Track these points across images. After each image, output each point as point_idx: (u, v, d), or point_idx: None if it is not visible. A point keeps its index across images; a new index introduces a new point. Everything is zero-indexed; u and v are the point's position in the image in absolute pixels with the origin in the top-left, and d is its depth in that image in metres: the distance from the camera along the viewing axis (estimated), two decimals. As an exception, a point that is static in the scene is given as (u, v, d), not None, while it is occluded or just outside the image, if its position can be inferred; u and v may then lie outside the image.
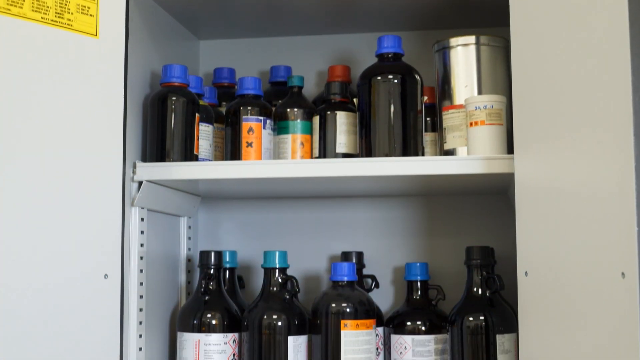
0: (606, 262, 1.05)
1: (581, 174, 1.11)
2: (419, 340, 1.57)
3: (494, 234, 1.73)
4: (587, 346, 1.11)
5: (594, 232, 1.08)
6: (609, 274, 1.04)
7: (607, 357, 1.05)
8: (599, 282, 1.07)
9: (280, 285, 1.58)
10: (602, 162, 1.05)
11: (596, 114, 1.06)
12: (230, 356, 1.56)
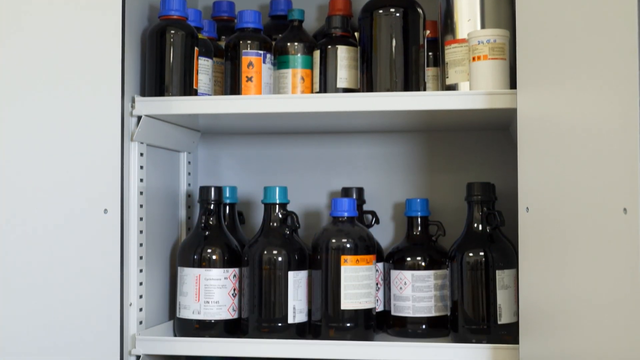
0: (608, 198, 1.05)
1: (584, 109, 1.10)
2: (418, 276, 1.57)
3: (495, 170, 1.72)
4: (587, 281, 1.11)
5: (596, 168, 1.07)
6: (610, 210, 1.04)
7: (608, 292, 1.05)
8: (600, 218, 1.07)
9: (280, 220, 1.57)
10: (606, 98, 1.04)
11: (601, 49, 1.05)
12: (231, 291, 1.56)
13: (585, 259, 1.11)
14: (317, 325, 1.53)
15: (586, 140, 1.09)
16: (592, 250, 1.10)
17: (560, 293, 1.19)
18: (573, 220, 1.14)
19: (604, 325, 1.08)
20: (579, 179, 1.12)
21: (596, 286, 1.09)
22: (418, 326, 1.56)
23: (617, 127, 1.01)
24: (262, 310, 1.53)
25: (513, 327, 1.47)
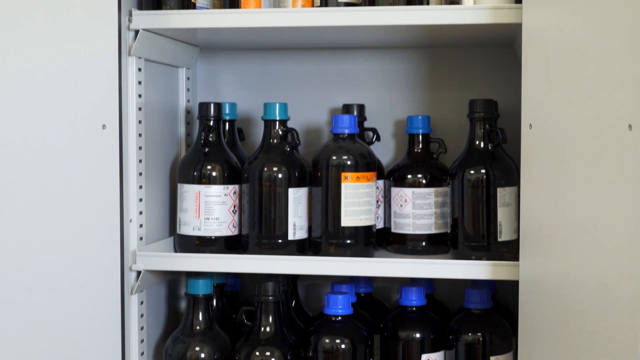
0: (613, 115, 1.03)
1: (591, 23, 1.08)
2: (419, 193, 1.57)
3: (498, 87, 1.70)
4: (589, 199, 1.10)
5: (602, 84, 1.06)
6: (615, 126, 1.02)
7: (610, 210, 1.05)
8: (605, 135, 1.05)
9: (280, 137, 1.56)
10: (614, 10, 1.01)
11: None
12: (231, 208, 1.56)
13: (588, 176, 1.10)
14: (317, 242, 1.53)
15: (592, 55, 1.07)
16: (595, 167, 1.09)
17: (561, 210, 1.19)
18: (577, 137, 1.13)
19: (604, 243, 1.08)
20: (584, 95, 1.11)
21: (598, 203, 1.09)
22: (418, 243, 1.56)
23: (624, 42, 0.98)
24: (262, 227, 1.53)
25: (513, 245, 1.47)
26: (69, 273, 1.32)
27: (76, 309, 1.34)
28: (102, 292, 1.40)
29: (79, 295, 1.35)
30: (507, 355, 1.51)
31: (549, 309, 1.23)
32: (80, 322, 1.35)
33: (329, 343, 1.49)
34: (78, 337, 1.35)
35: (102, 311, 1.40)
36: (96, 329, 1.39)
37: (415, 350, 1.53)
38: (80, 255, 1.35)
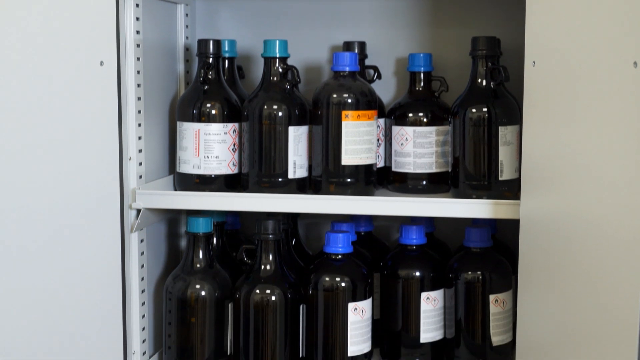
0: (618, 51, 1.02)
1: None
2: (420, 132, 1.55)
3: (501, 25, 1.67)
4: (592, 136, 1.09)
5: (608, 20, 1.04)
6: (620, 63, 1.01)
7: (613, 147, 1.04)
8: (609, 72, 1.04)
9: (280, 75, 1.54)
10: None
11: None
12: (231, 146, 1.55)
13: (592, 114, 1.09)
14: (318, 180, 1.52)
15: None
16: (599, 104, 1.08)
17: (564, 148, 1.18)
18: (581, 74, 1.12)
19: (607, 181, 1.07)
20: (589, 31, 1.09)
21: (601, 141, 1.08)
22: (418, 182, 1.56)
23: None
24: (262, 166, 1.52)
25: (514, 184, 1.47)
26: (68, 211, 1.32)
27: (76, 247, 1.34)
28: (102, 230, 1.40)
29: (78, 234, 1.34)
30: (506, 294, 1.52)
31: (550, 248, 1.23)
32: (80, 260, 1.35)
33: (329, 281, 1.50)
34: (78, 275, 1.35)
35: (102, 249, 1.40)
36: (96, 267, 1.39)
37: (414, 289, 1.54)
38: (79, 194, 1.34)
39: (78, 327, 1.35)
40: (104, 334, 1.41)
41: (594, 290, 1.10)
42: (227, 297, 1.55)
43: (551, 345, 1.22)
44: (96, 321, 1.39)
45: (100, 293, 1.40)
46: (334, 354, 1.50)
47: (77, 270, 1.34)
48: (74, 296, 1.34)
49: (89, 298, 1.37)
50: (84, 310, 1.36)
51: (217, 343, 1.55)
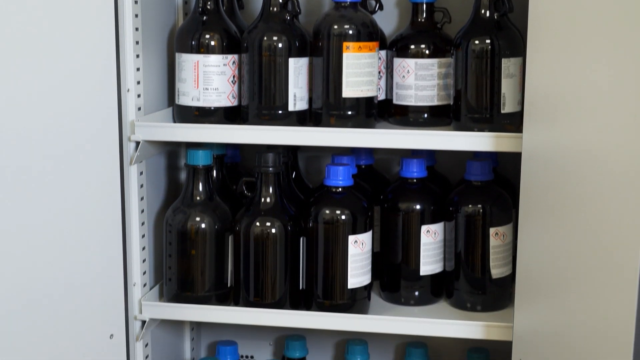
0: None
1: None
2: (422, 64, 1.53)
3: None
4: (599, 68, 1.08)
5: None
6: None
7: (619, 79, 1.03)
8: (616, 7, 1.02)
9: (280, 5, 1.52)
10: None
11: None
12: (230, 78, 1.53)
13: (598, 46, 1.08)
14: (318, 113, 1.51)
15: None
16: (605, 35, 1.06)
17: (568, 80, 1.16)
18: (586, 5, 1.10)
19: (611, 114, 1.06)
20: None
21: (607, 73, 1.07)
22: (420, 115, 1.54)
23: None
24: (262, 98, 1.51)
25: (516, 117, 1.45)
26: (66, 144, 1.31)
27: (76, 180, 1.33)
28: (101, 163, 1.40)
29: (78, 167, 1.34)
30: (506, 227, 1.52)
31: (551, 181, 1.22)
32: (80, 193, 1.35)
33: (329, 214, 1.50)
34: (78, 207, 1.35)
35: (101, 182, 1.40)
36: (96, 200, 1.39)
37: (415, 222, 1.54)
38: (77, 126, 1.33)
39: (79, 259, 1.35)
40: (105, 266, 1.42)
41: (594, 223, 1.10)
42: (227, 229, 1.55)
43: (551, 278, 1.23)
44: (96, 253, 1.39)
45: (100, 225, 1.40)
46: (334, 286, 1.50)
47: (77, 203, 1.34)
48: (74, 229, 1.34)
49: (89, 230, 1.37)
50: (84, 242, 1.36)
51: (218, 275, 1.55)
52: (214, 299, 1.55)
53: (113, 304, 1.44)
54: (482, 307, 1.52)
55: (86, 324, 1.37)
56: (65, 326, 1.33)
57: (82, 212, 1.36)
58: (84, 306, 1.37)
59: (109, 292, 1.43)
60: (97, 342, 1.41)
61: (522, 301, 1.34)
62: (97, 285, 1.40)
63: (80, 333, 1.36)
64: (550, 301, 1.23)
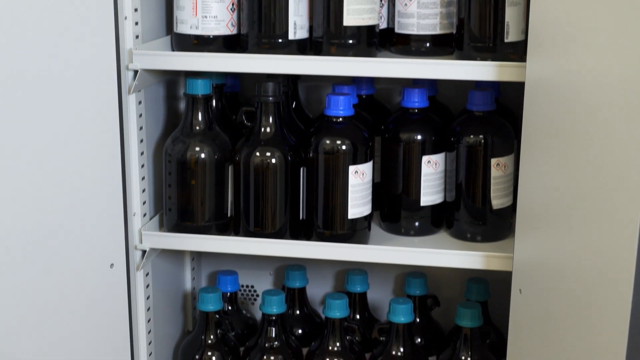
0: None
1: None
2: (424, -8, 1.51)
3: None
4: None
5: None
6: None
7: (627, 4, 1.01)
8: None
9: None
10: None
11: None
12: (229, 5, 1.51)
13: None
14: (319, 42, 1.49)
15: None
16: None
17: (574, 8, 1.14)
18: None
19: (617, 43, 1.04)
20: None
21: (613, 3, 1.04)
22: (422, 44, 1.52)
23: None
24: (261, 26, 1.48)
25: (519, 46, 1.43)
26: (62, 72, 1.29)
27: (73, 108, 1.32)
28: (99, 92, 1.38)
29: (75, 94, 1.32)
30: (508, 158, 1.51)
31: (555, 111, 1.21)
32: (78, 122, 1.34)
33: (330, 144, 1.49)
34: (77, 137, 1.34)
35: (99, 111, 1.39)
36: (95, 130, 1.38)
37: (415, 152, 1.53)
38: (74, 54, 1.31)
39: (78, 189, 1.35)
40: (104, 196, 1.42)
41: (598, 153, 1.09)
42: (227, 159, 1.54)
43: (552, 209, 1.22)
44: (96, 183, 1.39)
45: (99, 155, 1.39)
46: (334, 216, 1.50)
47: (75, 132, 1.33)
48: (73, 159, 1.33)
49: (88, 160, 1.36)
50: (83, 172, 1.36)
51: (218, 205, 1.55)
52: (214, 229, 1.55)
53: (113, 234, 1.44)
54: (482, 238, 1.52)
55: (86, 254, 1.38)
56: (65, 256, 1.33)
57: (81, 142, 1.35)
58: (84, 236, 1.37)
59: (108, 221, 1.43)
60: (98, 271, 1.41)
61: (522, 232, 1.34)
62: (97, 215, 1.40)
63: (80, 262, 1.36)
64: (551, 232, 1.23)
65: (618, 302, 1.00)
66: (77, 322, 1.37)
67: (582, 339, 1.11)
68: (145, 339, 1.59)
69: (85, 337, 1.39)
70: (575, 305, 1.13)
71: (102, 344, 1.43)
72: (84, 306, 1.38)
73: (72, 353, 1.36)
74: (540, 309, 1.26)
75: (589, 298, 1.09)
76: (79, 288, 1.37)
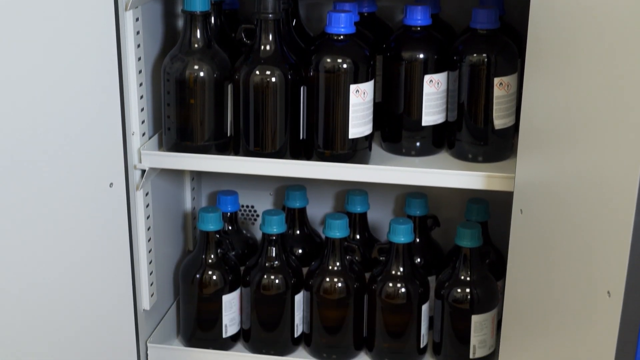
0: None
1: None
2: None
3: None
4: None
5: None
6: None
7: None
8: None
9: None
10: None
11: None
12: None
13: None
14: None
15: None
16: None
17: None
18: None
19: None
20: None
21: None
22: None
23: None
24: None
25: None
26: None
27: (69, 25, 1.30)
28: (95, 8, 1.36)
29: (72, 9, 1.30)
30: (511, 77, 1.49)
31: (561, 28, 1.19)
32: (73, 39, 1.31)
33: (330, 62, 1.46)
34: (72, 53, 1.31)
35: (96, 28, 1.36)
36: (91, 48, 1.36)
37: (417, 71, 1.50)
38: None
39: (75, 107, 1.33)
40: (103, 114, 1.40)
41: (604, 71, 1.07)
42: (227, 78, 1.52)
43: (555, 129, 1.21)
44: (94, 102, 1.37)
45: (96, 72, 1.37)
46: (334, 136, 1.49)
47: (71, 49, 1.31)
48: (70, 75, 1.31)
49: (84, 77, 1.34)
50: (80, 89, 1.34)
51: (217, 124, 1.53)
52: (213, 148, 1.54)
53: (111, 153, 1.43)
54: (483, 158, 1.51)
55: (85, 172, 1.37)
56: (63, 174, 1.32)
57: (78, 60, 1.32)
58: (82, 154, 1.36)
59: (107, 140, 1.42)
60: (97, 190, 1.40)
61: (524, 152, 1.33)
62: (95, 133, 1.38)
63: (78, 182, 1.35)
64: (553, 152, 1.22)
65: (619, 222, 1.00)
66: (77, 241, 1.37)
67: (582, 258, 1.11)
68: (146, 258, 1.59)
69: (85, 256, 1.39)
70: (576, 226, 1.13)
71: (103, 264, 1.43)
72: (84, 226, 1.38)
73: (72, 273, 1.36)
74: (540, 229, 1.26)
75: (590, 218, 1.09)
76: (78, 207, 1.36)
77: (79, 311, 1.38)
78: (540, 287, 1.26)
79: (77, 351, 1.39)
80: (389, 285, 1.57)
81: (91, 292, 1.40)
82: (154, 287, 1.64)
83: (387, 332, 1.59)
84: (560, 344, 1.19)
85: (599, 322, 1.05)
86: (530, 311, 1.30)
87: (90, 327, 1.42)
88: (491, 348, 1.60)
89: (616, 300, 1.00)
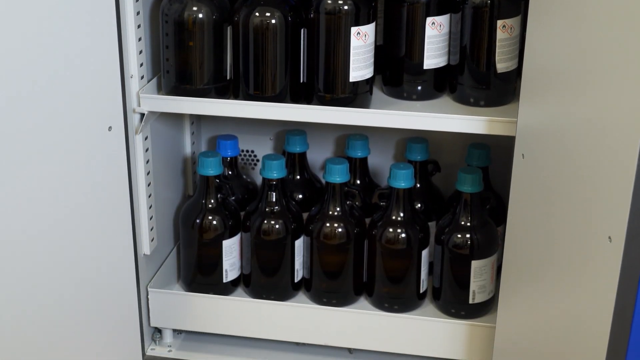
0: None
1: None
2: None
3: None
4: None
5: None
6: None
7: None
8: None
9: None
10: None
11: None
12: None
13: None
14: None
15: None
16: None
17: None
18: None
19: None
20: None
21: None
22: None
23: None
24: None
25: None
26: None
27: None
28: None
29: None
30: (514, 20, 1.46)
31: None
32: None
33: (331, 4, 1.44)
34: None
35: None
36: None
37: (419, 13, 1.48)
38: None
39: (72, 52, 1.31)
40: (100, 56, 1.38)
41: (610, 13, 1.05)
42: (226, 20, 1.50)
43: (559, 73, 1.19)
44: (91, 43, 1.35)
45: (93, 14, 1.35)
46: (335, 79, 1.47)
47: None
48: (65, 18, 1.29)
49: (81, 19, 1.32)
50: (76, 31, 1.32)
51: (216, 68, 1.52)
52: (213, 92, 1.52)
53: (110, 96, 1.41)
54: (485, 102, 1.50)
55: (83, 116, 1.35)
56: (61, 118, 1.31)
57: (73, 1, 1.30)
58: (80, 97, 1.34)
59: (105, 84, 1.40)
60: (95, 134, 1.39)
61: (527, 96, 1.31)
62: (93, 76, 1.36)
63: (76, 125, 1.34)
64: (556, 97, 1.20)
65: (622, 167, 0.99)
66: (76, 185, 1.36)
67: (584, 204, 1.10)
68: (146, 202, 1.59)
69: (84, 201, 1.38)
70: (578, 170, 1.12)
71: (102, 209, 1.42)
72: (83, 170, 1.37)
73: (71, 218, 1.36)
74: (542, 174, 1.25)
75: (592, 163, 1.08)
76: (77, 151, 1.35)
77: (79, 257, 1.38)
78: (541, 233, 1.25)
79: (77, 297, 1.39)
80: (389, 230, 1.57)
81: (91, 238, 1.40)
82: (154, 232, 1.64)
83: (387, 277, 1.59)
84: (560, 290, 1.19)
85: (600, 268, 1.04)
86: (531, 257, 1.30)
87: (91, 273, 1.41)
88: (490, 293, 1.60)
89: (617, 246, 1.00)
